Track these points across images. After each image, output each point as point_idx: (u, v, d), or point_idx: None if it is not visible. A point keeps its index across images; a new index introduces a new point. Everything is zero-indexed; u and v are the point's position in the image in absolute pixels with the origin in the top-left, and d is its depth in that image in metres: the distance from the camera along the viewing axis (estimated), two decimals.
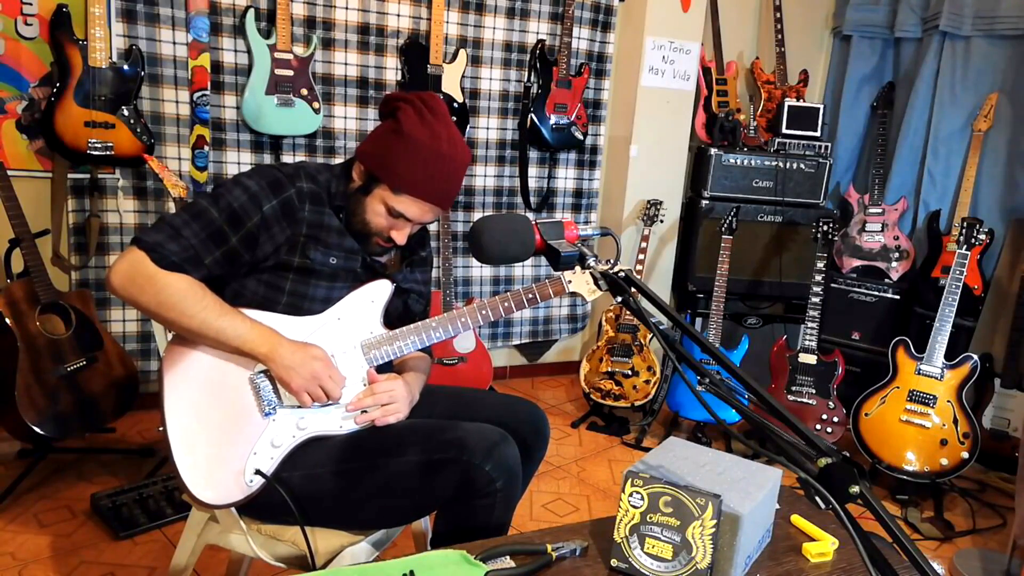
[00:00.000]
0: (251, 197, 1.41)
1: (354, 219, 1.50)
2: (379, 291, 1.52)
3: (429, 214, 1.49)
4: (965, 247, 2.75)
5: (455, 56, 3.20)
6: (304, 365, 1.39)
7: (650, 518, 1.14)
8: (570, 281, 1.56)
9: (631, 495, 1.15)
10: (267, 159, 2.98)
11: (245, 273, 1.46)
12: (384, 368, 1.54)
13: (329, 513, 1.43)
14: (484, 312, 1.52)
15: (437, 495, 1.40)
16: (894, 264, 3.53)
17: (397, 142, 1.43)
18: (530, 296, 1.54)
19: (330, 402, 1.44)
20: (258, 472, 1.38)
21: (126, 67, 2.56)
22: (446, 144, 1.43)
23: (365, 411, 1.48)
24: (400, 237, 1.50)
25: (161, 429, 1.38)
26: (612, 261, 1.17)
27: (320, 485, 1.41)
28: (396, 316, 1.61)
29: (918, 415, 2.74)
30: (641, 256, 3.38)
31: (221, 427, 1.40)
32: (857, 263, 3.59)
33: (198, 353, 1.41)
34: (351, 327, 1.49)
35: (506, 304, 1.52)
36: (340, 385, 1.44)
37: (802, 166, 3.53)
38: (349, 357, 1.48)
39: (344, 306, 1.49)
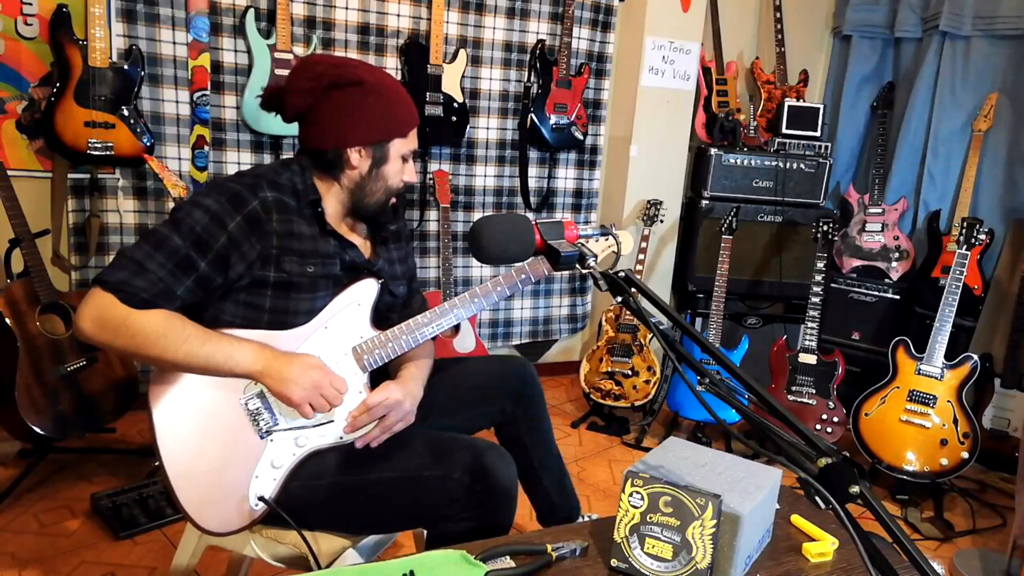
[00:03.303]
0: (213, 217, 1.32)
1: (374, 197, 1.48)
2: (365, 292, 1.47)
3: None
4: (965, 247, 2.75)
5: (455, 56, 3.20)
6: (303, 375, 1.34)
7: (650, 518, 1.14)
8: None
9: (631, 495, 1.15)
10: (267, 159, 2.98)
11: (221, 295, 1.39)
12: (381, 370, 1.52)
13: (327, 521, 1.42)
14: (476, 300, 1.47)
15: (428, 511, 1.38)
16: (894, 264, 3.53)
17: (376, 98, 1.42)
18: (523, 276, 1.49)
19: (332, 412, 1.41)
20: (261, 499, 1.37)
21: (126, 67, 2.57)
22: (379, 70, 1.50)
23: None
24: (414, 175, 1.54)
25: (157, 464, 1.36)
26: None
27: (317, 495, 1.40)
28: (385, 307, 1.57)
29: (918, 415, 2.74)
30: (641, 256, 3.38)
31: (219, 456, 1.37)
32: (857, 263, 3.59)
33: (183, 386, 1.36)
34: (340, 334, 1.44)
35: (499, 288, 1.48)
36: (342, 391, 1.39)
37: (802, 166, 3.53)
38: (342, 366, 1.43)
39: (330, 313, 1.43)
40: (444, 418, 1.61)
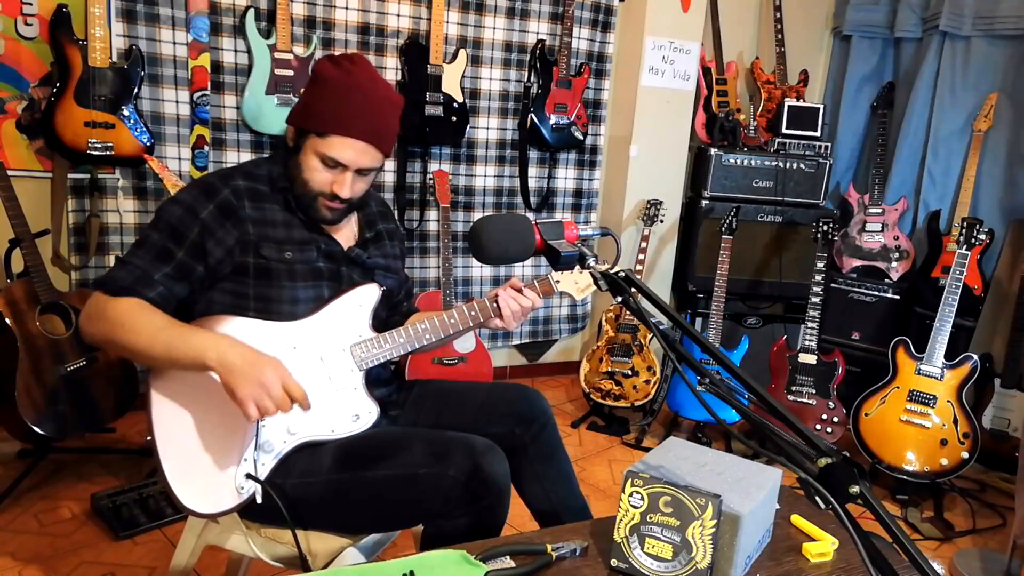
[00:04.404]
0: (186, 209, 1.39)
1: (295, 185, 1.46)
2: (367, 295, 1.51)
3: (364, 156, 1.42)
4: (965, 247, 2.75)
5: (455, 56, 3.20)
6: (253, 370, 1.27)
7: (650, 518, 1.14)
8: (558, 281, 1.57)
9: (631, 495, 1.15)
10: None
11: (209, 285, 1.43)
12: (377, 370, 1.53)
13: (323, 519, 1.42)
14: (473, 313, 1.52)
15: (423, 509, 1.38)
16: (894, 264, 3.53)
17: (314, 89, 1.44)
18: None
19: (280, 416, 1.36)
20: (249, 476, 1.36)
21: (126, 67, 2.56)
22: (365, 81, 1.42)
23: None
24: (342, 189, 1.42)
25: (149, 439, 1.37)
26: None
27: (312, 492, 1.40)
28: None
29: (918, 415, 2.74)
30: (641, 256, 3.38)
31: (210, 434, 1.38)
32: (857, 263, 3.59)
33: None
34: (339, 331, 1.47)
35: (494, 305, 1.53)
36: (296, 398, 1.32)
37: (802, 166, 3.53)
38: (338, 360, 1.46)
39: (332, 310, 1.48)
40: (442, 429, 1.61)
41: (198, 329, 1.36)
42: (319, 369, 1.44)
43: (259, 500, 1.36)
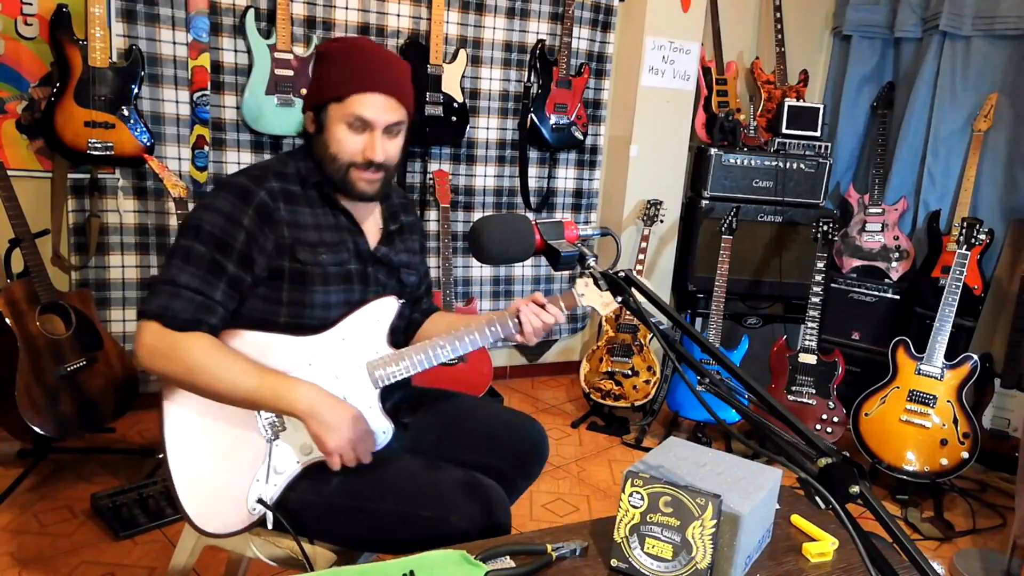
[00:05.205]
0: (227, 217, 1.35)
1: (326, 164, 1.43)
2: (384, 309, 1.47)
3: (388, 110, 1.41)
4: (965, 247, 2.75)
5: (455, 56, 3.20)
6: (345, 427, 1.33)
7: (650, 518, 1.14)
8: (583, 295, 1.53)
9: (631, 495, 1.15)
10: (267, 159, 2.98)
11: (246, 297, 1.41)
12: (392, 387, 1.49)
13: (321, 534, 1.41)
14: (494, 329, 1.48)
15: (422, 547, 1.34)
16: (894, 264, 3.53)
17: (321, 65, 1.44)
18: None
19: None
20: (260, 501, 1.36)
21: (126, 67, 2.56)
22: (369, 45, 1.45)
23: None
24: (373, 152, 1.40)
25: (161, 456, 1.36)
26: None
27: (315, 507, 1.39)
28: (392, 293, 1.55)
29: (918, 415, 2.74)
30: (641, 256, 3.38)
31: (223, 454, 1.37)
32: (857, 263, 3.59)
33: None
34: (356, 347, 1.43)
35: (515, 320, 1.49)
36: (372, 451, 1.38)
37: (802, 166, 3.53)
38: (355, 379, 1.42)
39: (348, 326, 1.44)
40: (442, 450, 1.57)
41: (282, 376, 1.34)
42: (334, 387, 1.39)
43: (270, 526, 1.36)
